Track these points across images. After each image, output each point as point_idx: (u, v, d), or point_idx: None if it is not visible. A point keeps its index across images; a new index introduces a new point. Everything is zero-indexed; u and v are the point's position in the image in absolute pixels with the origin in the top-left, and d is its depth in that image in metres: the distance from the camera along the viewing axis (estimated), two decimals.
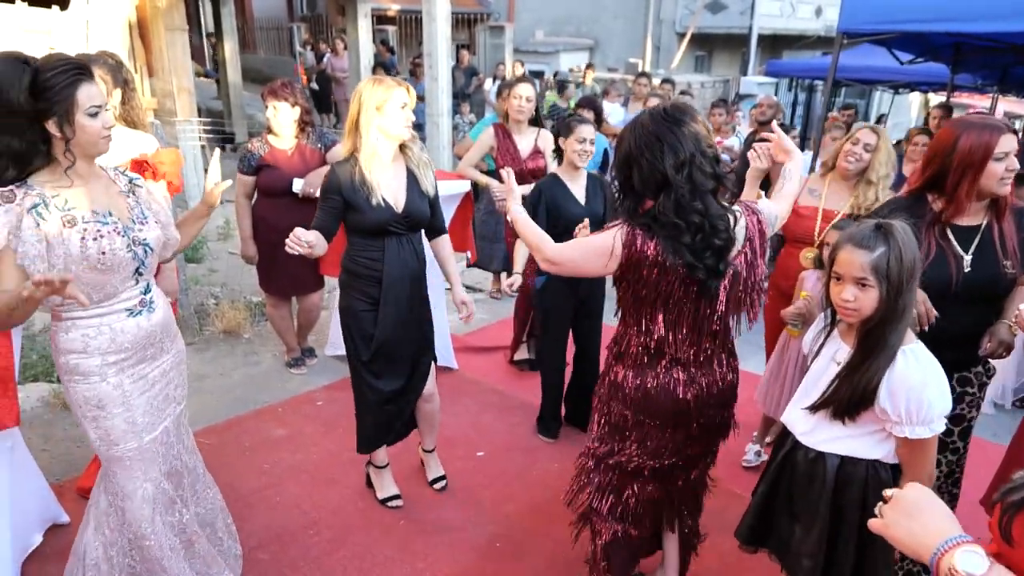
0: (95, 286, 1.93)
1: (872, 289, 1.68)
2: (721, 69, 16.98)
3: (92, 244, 1.88)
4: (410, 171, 2.77)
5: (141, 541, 2.14)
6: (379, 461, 3.13)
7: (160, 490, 2.17)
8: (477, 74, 12.44)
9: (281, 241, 3.79)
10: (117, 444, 2.05)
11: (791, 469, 1.94)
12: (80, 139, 1.84)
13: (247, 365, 4.37)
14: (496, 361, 4.58)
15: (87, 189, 1.92)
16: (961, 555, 1.00)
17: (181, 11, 6.76)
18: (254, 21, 18.61)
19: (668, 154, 1.87)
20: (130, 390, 2.05)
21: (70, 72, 1.80)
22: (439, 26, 7.85)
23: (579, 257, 2.05)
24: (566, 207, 3.37)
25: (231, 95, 11.03)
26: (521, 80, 4.42)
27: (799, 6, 16.57)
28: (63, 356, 1.98)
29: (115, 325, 2.00)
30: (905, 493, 1.14)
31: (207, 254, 6.13)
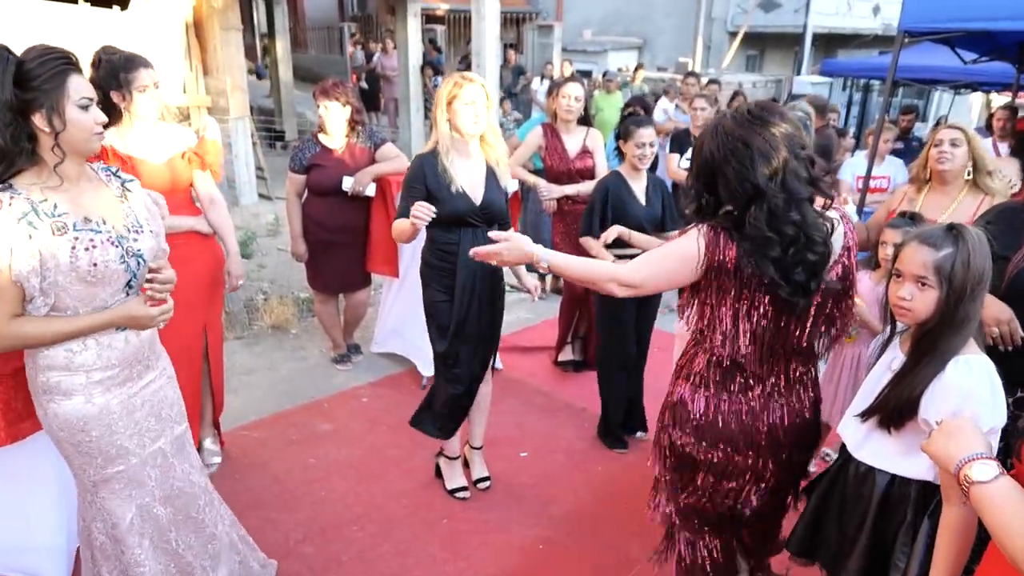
0: (82, 299, 1.78)
1: (931, 290, 1.58)
2: (773, 69, 16.64)
3: (83, 255, 1.73)
4: (489, 167, 2.84)
5: (133, 569, 2.00)
6: (451, 452, 3.18)
7: (152, 515, 2.03)
8: (524, 73, 12.43)
9: (330, 239, 3.91)
10: (104, 468, 1.91)
11: (843, 483, 1.86)
12: (71, 134, 1.70)
13: (294, 360, 4.43)
14: (541, 362, 4.56)
15: (77, 193, 1.78)
16: (976, 466, 1.22)
17: (236, 11, 6.90)
18: (306, 21, 18.94)
19: (759, 160, 1.68)
20: (116, 411, 1.90)
21: (58, 61, 1.68)
22: (488, 25, 7.88)
23: (661, 271, 1.84)
24: (630, 206, 3.36)
25: (282, 93, 11.22)
26: (570, 80, 4.38)
27: (856, 4, 16.12)
28: (41, 374, 1.81)
29: (102, 339, 1.84)
30: (952, 420, 1.37)
31: (256, 250, 6.23)
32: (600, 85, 9.09)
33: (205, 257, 2.96)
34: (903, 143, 6.76)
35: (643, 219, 3.35)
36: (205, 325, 3.03)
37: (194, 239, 2.89)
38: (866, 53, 14.79)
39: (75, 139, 1.72)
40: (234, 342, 4.49)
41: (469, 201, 2.76)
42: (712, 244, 1.75)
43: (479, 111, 2.68)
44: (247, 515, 2.91)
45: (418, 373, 4.14)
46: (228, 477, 3.17)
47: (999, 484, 1.19)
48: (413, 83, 10.10)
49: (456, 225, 2.78)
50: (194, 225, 2.87)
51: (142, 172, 2.68)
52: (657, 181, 3.51)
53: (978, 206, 2.97)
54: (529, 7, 17.09)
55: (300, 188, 3.88)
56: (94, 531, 1.99)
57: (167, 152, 2.79)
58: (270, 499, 3.06)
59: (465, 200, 2.75)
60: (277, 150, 10.34)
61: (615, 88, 8.95)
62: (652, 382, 3.71)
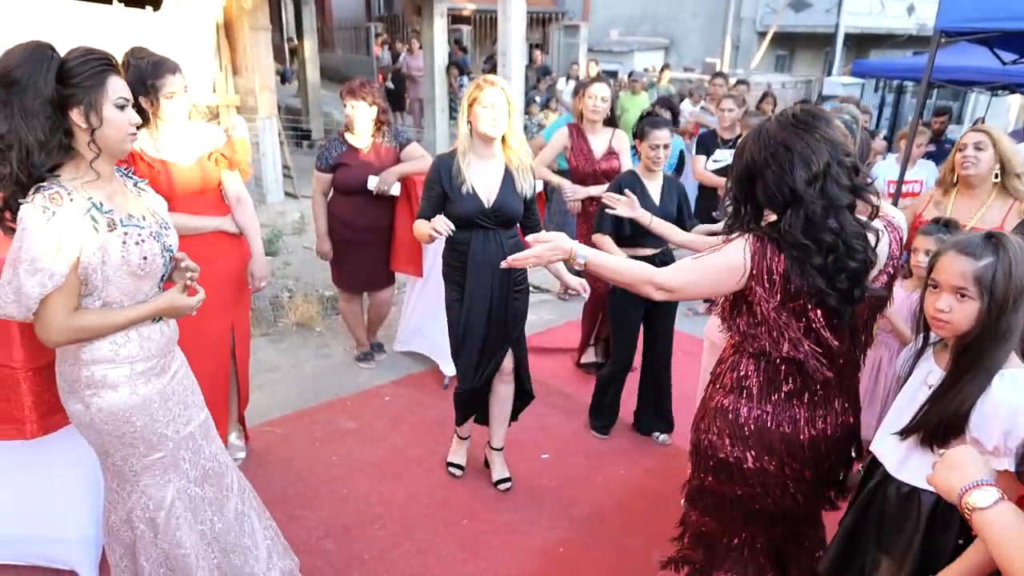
0: (129, 292, 1.85)
1: (971, 302, 1.51)
2: (803, 69, 16.43)
3: (134, 249, 1.80)
4: (508, 170, 2.85)
5: (175, 550, 2.05)
6: (461, 433, 3.31)
7: (189, 496, 2.08)
8: (550, 73, 12.41)
9: (355, 238, 3.93)
10: (146, 456, 1.97)
11: (881, 503, 1.77)
12: (106, 131, 1.74)
13: (318, 358, 4.47)
14: (563, 363, 4.55)
15: (112, 191, 1.84)
16: (975, 493, 1.24)
17: (265, 11, 6.99)
18: (333, 21, 19.09)
19: (799, 165, 1.67)
20: (156, 400, 1.96)
21: (99, 61, 1.74)
22: (514, 25, 7.88)
23: (703, 278, 1.83)
24: (643, 206, 3.32)
25: (309, 93, 11.33)
26: (597, 80, 4.36)
27: (889, 3, 15.84)
28: (85, 368, 1.85)
29: (142, 331, 1.91)
30: (953, 451, 1.35)
31: (282, 247, 6.30)
32: (626, 86, 9.04)
33: (232, 256, 2.99)
34: (935, 146, 6.63)
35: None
36: (232, 323, 3.06)
37: (221, 239, 2.92)
38: (900, 53, 14.52)
39: (110, 137, 1.77)
40: (259, 339, 4.54)
41: (479, 203, 2.79)
42: (759, 255, 1.74)
43: (498, 115, 2.71)
44: (270, 511, 2.92)
45: (440, 372, 4.15)
46: (252, 472, 3.19)
47: (998, 510, 1.21)
48: (439, 83, 10.13)
49: (467, 226, 2.82)
50: (220, 225, 2.90)
51: (173, 174, 2.72)
52: (673, 182, 3.49)
53: (1008, 210, 2.92)
54: (555, 7, 17.07)
55: (326, 187, 3.91)
56: (134, 520, 2.03)
57: (196, 153, 2.81)
58: (293, 496, 3.09)
59: (475, 201, 2.79)
60: (304, 149, 10.44)
61: (641, 89, 8.90)
62: (676, 383, 3.68)
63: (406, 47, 13.02)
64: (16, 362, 2.16)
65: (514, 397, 3.17)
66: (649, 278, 1.83)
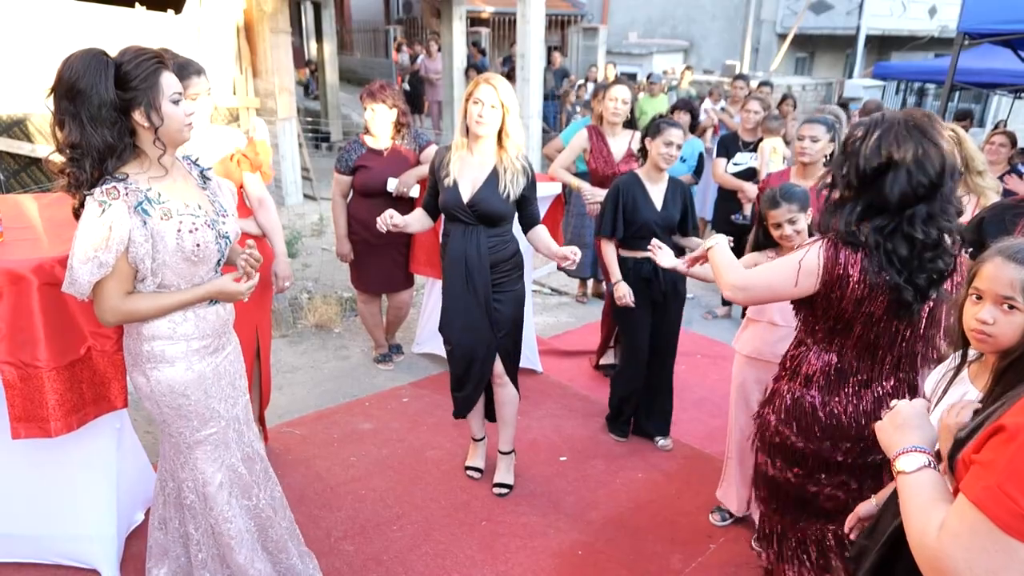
0: (184, 276, 1.96)
1: (1020, 314, 1.38)
2: (823, 71, 16.29)
3: (188, 237, 1.90)
4: (495, 169, 2.85)
5: (222, 525, 2.15)
6: (474, 434, 3.32)
7: (237, 474, 2.20)
8: (568, 76, 12.39)
9: (375, 240, 3.94)
10: (199, 430, 2.08)
11: None
12: (168, 127, 1.84)
13: (337, 359, 4.48)
14: (580, 365, 4.53)
15: (173, 181, 1.94)
16: (905, 457, 1.26)
17: (285, 14, 7.04)
18: (352, 23, 19.21)
19: (939, 160, 1.76)
20: (209, 376, 2.07)
21: (151, 60, 1.81)
22: (533, 28, 7.88)
23: (775, 281, 1.95)
24: (642, 209, 3.32)
25: (328, 95, 11.41)
26: (617, 82, 4.35)
27: (911, 5, 15.67)
28: (146, 343, 1.98)
29: (199, 312, 2.02)
30: (904, 407, 1.36)
31: (301, 249, 6.34)
32: (645, 88, 9.01)
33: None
34: None
35: (655, 223, 3.31)
36: (256, 325, 3.08)
37: (244, 240, 2.93)
38: (921, 56, 14.37)
39: (171, 131, 1.87)
40: (279, 340, 4.56)
41: (458, 196, 2.84)
42: (832, 259, 1.85)
43: (484, 111, 2.74)
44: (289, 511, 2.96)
45: None
46: None
47: (921, 475, 1.23)
48: (457, 86, 10.15)
49: (450, 218, 2.93)
50: (243, 227, 2.91)
51: None
52: (679, 186, 3.43)
53: (975, 206, 3.05)
54: (574, 9, 17.05)
55: (346, 189, 3.93)
56: (185, 491, 2.14)
57: (217, 155, 2.83)
58: (312, 496, 3.09)
59: (454, 194, 2.85)
60: (323, 151, 10.51)
61: (659, 91, 8.87)
62: (692, 385, 3.66)
63: (423, 49, 13.07)
64: (41, 361, 2.19)
65: None
66: (727, 275, 2.03)
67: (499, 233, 2.92)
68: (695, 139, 5.50)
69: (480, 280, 2.89)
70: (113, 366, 2.37)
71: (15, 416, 2.23)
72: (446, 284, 2.99)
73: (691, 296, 5.85)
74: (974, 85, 9.39)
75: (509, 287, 2.99)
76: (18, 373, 2.20)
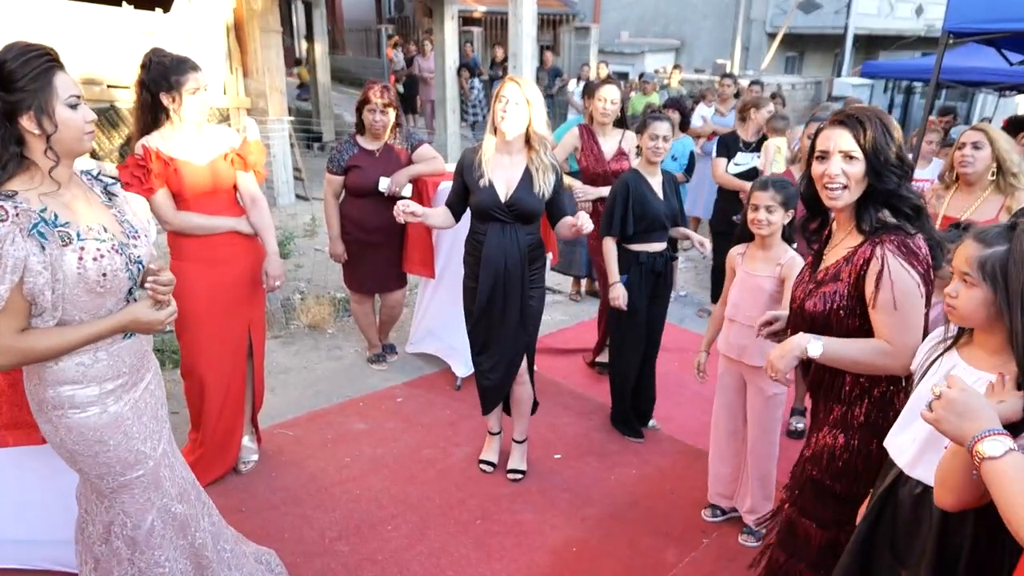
0: (89, 310, 1.70)
1: (974, 288, 1.48)
2: (812, 70, 16.37)
3: (92, 265, 1.65)
4: (528, 169, 2.90)
5: (154, 569, 1.97)
6: (491, 428, 3.37)
7: (171, 515, 2.00)
8: (560, 75, 12.40)
9: (367, 240, 3.93)
10: (122, 475, 1.86)
11: (894, 507, 1.72)
12: (62, 135, 1.61)
13: (330, 359, 4.48)
14: (575, 363, 4.54)
15: (71, 199, 1.69)
16: (987, 442, 1.23)
17: (276, 14, 7.02)
18: (343, 23, 19.16)
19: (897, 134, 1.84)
20: (129, 416, 1.85)
21: (41, 59, 1.59)
22: (524, 27, 7.89)
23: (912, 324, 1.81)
24: (651, 203, 3.38)
25: (320, 95, 11.38)
26: (607, 82, 4.36)
27: (898, 5, 15.78)
28: (51, 388, 1.72)
29: (111, 349, 1.77)
30: (956, 394, 1.31)
31: (294, 250, 6.32)
32: (637, 87, 9.03)
33: (247, 257, 3.00)
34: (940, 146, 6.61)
35: (663, 214, 3.39)
36: (249, 325, 3.08)
37: (236, 239, 2.93)
38: (908, 55, 14.46)
39: (67, 140, 1.64)
40: (271, 341, 4.55)
41: (495, 196, 2.87)
42: (912, 255, 1.79)
43: (508, 108, 2.78)
44: (284, 512, 2.96)
45: (452, 374, 4.15)
46: (265, 475, 3.21)
47: (1008, 458, 1.21)
48: (450, 85, 10.15)
49: (485, 218, 2.93)
50: (235, 226, 2.91)
51: (184, 174, 2.73)
52: (670, 177, 3.52)
53: (1000, 207, 3.01)
54: (566, 9, 17.06)
55: (338, 189, 3.92)
56: (112, 536, 1.93)
57: (210, 154, 2.83)
58: (306, 497, 3.09)
59: (491, 194, 2.87)
60: (315, 151, 10.48)
61: (651, 90, 8.89)
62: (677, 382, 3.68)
63: (416, 49, 13.05)
64: None
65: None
66: (884, 355, 1.83)
67: (533, 231, 3.00)
68: (686, 138, 5.53)
69: (517, 277, 2.94)
70: None
71: (2, 423, 2.19)
72: (481, 283, 2.94)
73: (683, 293, 5.88)
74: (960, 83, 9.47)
75: (539, 283, 3.07)
76: (5, 379, 2.16)
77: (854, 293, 1.85)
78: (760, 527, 2.81)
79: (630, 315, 3.48)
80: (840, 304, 1.88)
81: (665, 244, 3.49)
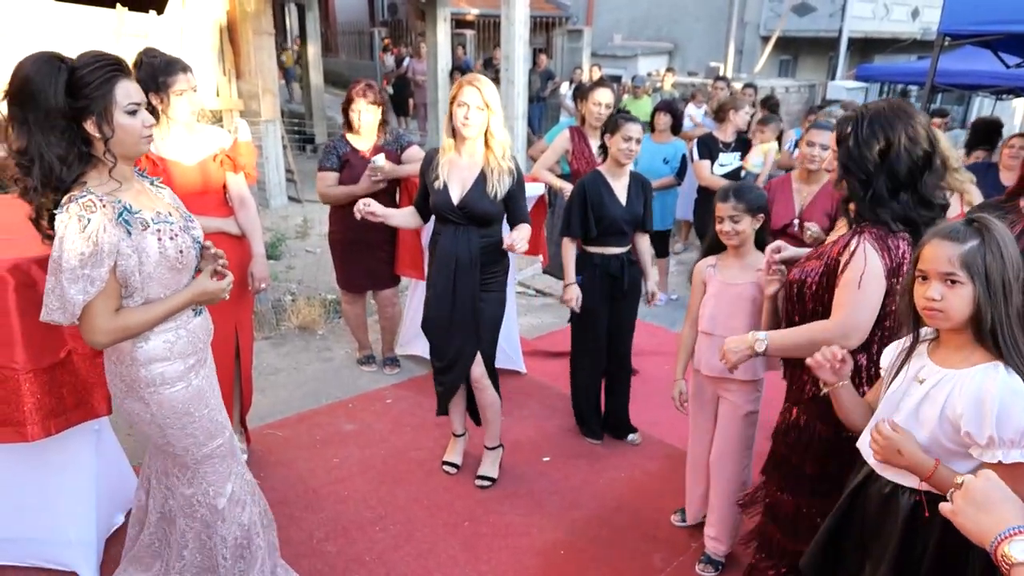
0: (170, 286, 1.91)
1: (962, 286, 1.47)
2: (806, 74, 16.41)
3: (170, 244, 1.85)
4: (483, 171, 2.88)
5: (238, 531, 2.14)
6: (453, 429, 3.36)
7: (246, 481, 2.20)
8: (553, 78, 12.42)
9: (359, 238, 3.92)
10: (206, 444, 2.04)
11: (863, 502, 1.74)
12: (120, 139, 1.76)
13: (320, 360, 4.47)
14: (564, 366, 4.49)
15: (135, 192, 1.88)
16: (1016, 543, 1.08)
17: (268, 15, 7.01)
18: (337, 26, 19.14)
19: (926, 134, 1.88)
20: (207, 389, 2.05)
21: (106, 68, 1.73)
22: (517, 29, 7.88)
23: (869, 306, 1.90)
24: (608, 206, 3.34)
25: (312, 97, 11.37)
26: (600, 85, 4.37)
27: (893, 8, 15.85)
28: (143, 368, 1.90)
29: (188, 326, 1.98)
30: (976, 483, 1.17)
31: (285, 251, 6.31)
32: (629, 91, 9.05)
33: (235, 258, 2.98)
34: None
35: (621, 218, 3.34)
36: (236, 325, 3.07)
37: (223, 240, 2.91)
38: (904, 58, 14.53)
39: (124, 144, 1.78)
40: (262, 342, 4.55)
41: (448, 198, 2.88)
42: (885, 249, 1.88)
43: (471, 114, 2.77)
44: (272, 512, 2.94)
45: None
46: (253, 475, 3.17)
47: None
48: (442, 88, 10.13)
49: (441, 220, 2.97)
50: (222, 226, 2.91)
51: (173, 174, 2.73)
52: (640, 180, 3.45)
53: (960, 203, 3.10)
54: (559, 11, 17.08)
55: (333, 184, 3.87)
56: (195, 504, 2.09)
57: (200, 154, 2.83)
58: (294, 497, 3.09)
59: (444, 196, 2.89)
60: (307, 153, 10.47)
61: (643, 93, 8.91)
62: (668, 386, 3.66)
63: (410, 51, 13.05)
64: (18, 364, 2.17)
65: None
66: (832, 336, 1.90)
67: (489, 234, 2.96)
68: (678, 140, 5.53)
69: (468, 279, 2.92)
70: (96, 371, 2.34)
71: None
72: (432, 281, 3.01)
73: (675, 296, 5.89)
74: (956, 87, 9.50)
75: (496, 288, 3.03)
76: None
77: (827, 272, 1.98)
78: (719, 558, 2.75)
79: (586, 319, 3.47)
80: (814, 280, 2.01)
81: (625, 248, 3.43)
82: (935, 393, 1.56)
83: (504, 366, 3.29)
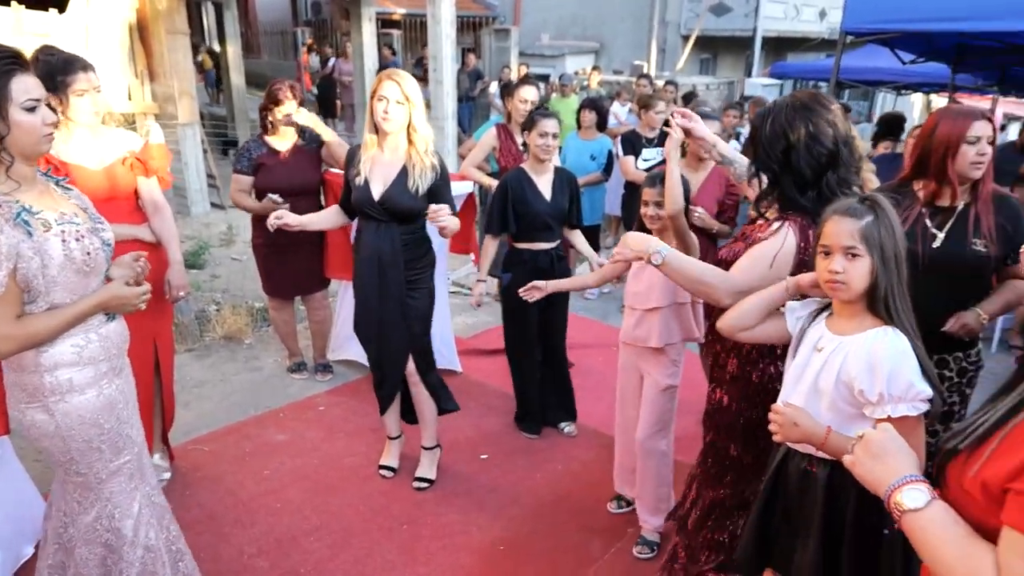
0: (76, 291, 1.81)
1: (861, 259, 1.57)
2: (726, 71, 16.93)
3: (75, 246, 1.76)
4: (405, 167, 2.85)
5: (147, 555, 2.03)
6: (388, 432, 3.32)
7: (153, 504, 2.09)
8: (482, 77, 12.42)
9: (281, 242, 3.81)
10: (113, 460, 1.93)
11: (784, 481, 1.80)
12: (16, 137, 1.66)
13: (248, 371, 4.33)
14: (500, 364, 4.51)
15: (37, 192, 1.78)
16: (906, 492, 1.11)
17: (182, 14, 6.75)
18: (258, 25, 18.66)
19: (828, 128, 1.91)
20: (119, 400, 1.95)
21: (2, 61, 1.63)
22: (444, 29, 7.84)
23: (760, 275, 1.92)
24: (532, 202, 3.37)
25: (234, 99, 11.03)
26: (525, 82, 4.38)
27: (803, 9, 16.53)
28: (48, 374, 1.79)
29: (100, 331, 1.88)
30: (874, 435, 1.22)
31: (209, 260, 6.10)
32: (557, 89, 9.12)
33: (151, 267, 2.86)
34: None
35: (546, 214, 3.38)
36: (154, 338, 2.94)
37: (137, 248, 2.78)
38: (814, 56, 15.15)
39: (22, 143, 1.68)
40: (184, 355, 4.37)
41: (368, 194, 2.84)
42: (804, 237, 1.92)
43: (391, 108, 2.73)
44: (199, 531, 2.83)
45: None
46: (178, 492, 3.07)
47: (931, 510, 1.09)
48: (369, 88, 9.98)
49: (362, 216, 2.93)
50: (136, 233, 2.77)
51: (77, 179, 2.58)
52: (565, 176, 3.49)
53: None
54: (486, 11, 17.10)
55: (246, 189, 3.76)
56: (99, 529, 1.97)
57: (106, 158, 2.69)
58: (223, 513, 2.98)
59: (365, 192, 2.84)
60: (229, 158, 10.14)
61: (571, 92, 8.99)
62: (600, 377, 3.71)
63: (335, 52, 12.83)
64: None
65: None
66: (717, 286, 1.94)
67: (412, 230, 2.93)
68: (604, 137, 5.60)
69: (394, 276, 2.88)
70: None
71: None
72: (358, 281, 2.97)
73: (607, 290, 5.97)
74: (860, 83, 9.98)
75: (423, 284, 3.00)
76: None
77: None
78: (654, 537, 2.84)
79: (519, 315, 3.49)
80: (734, 260, 2.07)
81: (553, 243, 3.46)
82: (833, 359, 1.65)
83: (440, 366, 3.26)
